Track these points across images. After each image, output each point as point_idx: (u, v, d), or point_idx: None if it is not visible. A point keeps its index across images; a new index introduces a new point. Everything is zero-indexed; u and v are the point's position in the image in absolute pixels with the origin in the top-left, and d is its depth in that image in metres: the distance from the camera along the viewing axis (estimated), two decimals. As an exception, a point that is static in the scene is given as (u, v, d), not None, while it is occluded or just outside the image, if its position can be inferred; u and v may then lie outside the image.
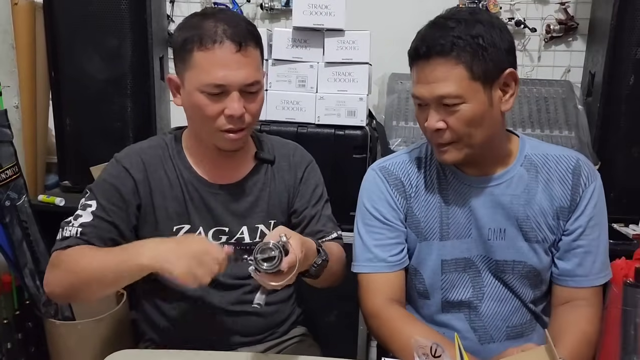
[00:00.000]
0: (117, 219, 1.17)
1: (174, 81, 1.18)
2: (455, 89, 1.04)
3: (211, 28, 1.10)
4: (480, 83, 1.05)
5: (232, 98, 1.11)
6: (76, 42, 1.91)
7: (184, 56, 1.12)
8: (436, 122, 1.08)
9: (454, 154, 1.11)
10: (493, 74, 1.06)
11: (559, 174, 1.16)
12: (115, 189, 1.17)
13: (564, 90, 1.97)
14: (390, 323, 1.14)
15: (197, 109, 1.13)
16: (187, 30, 1.12)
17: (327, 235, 1.27)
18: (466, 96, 1.05)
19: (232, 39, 1.09)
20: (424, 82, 1.07)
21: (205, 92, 1.10)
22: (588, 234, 1.15)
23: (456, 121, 1.07)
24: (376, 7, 2.14)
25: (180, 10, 2.29)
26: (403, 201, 1.20)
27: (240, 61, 1.10)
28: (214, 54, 1.09)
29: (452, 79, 1.04)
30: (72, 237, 1.13)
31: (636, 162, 1.76)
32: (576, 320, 1.13)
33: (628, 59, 1.72)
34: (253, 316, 1.25)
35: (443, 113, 1.07)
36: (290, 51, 1.81)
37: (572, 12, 2.07)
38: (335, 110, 1.79)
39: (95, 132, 1.95)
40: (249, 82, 1.11)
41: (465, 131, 1.07)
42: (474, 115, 1.06)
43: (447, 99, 1.05)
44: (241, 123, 1.13)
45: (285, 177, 1.28)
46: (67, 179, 2.03)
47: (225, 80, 1.09)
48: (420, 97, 1.09)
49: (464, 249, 1.18)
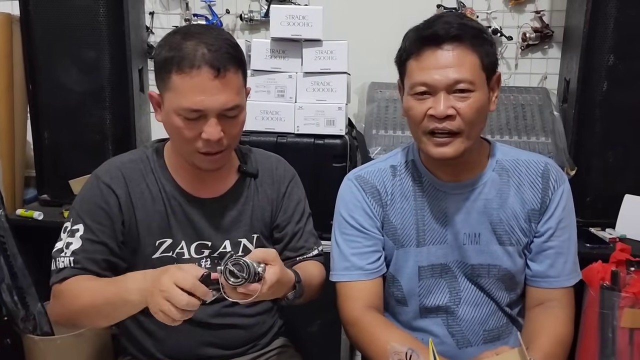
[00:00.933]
0: (106, 238, 1.15)
1: (155, 98, 1.16)
2: (471, 75, 1.06)
3: (191, 51, 1.06)
4: (485, 75, 1.09)
5: (210, 123, 1.08)
6: (54, 55, 1.90)
7: (163, 76, 1.10)
8: (447, 108, 1.06)
9: (457, 146, 1.09)
10: (492, 70, 1.10)
11: (529, 178, 1.18)
12: (100, 207, 1.16)
13: (541, 97, 2.00)
14: (368, 330, 1.14)
15: (175, 129, 1.11)
16: (167, 49, 1.09)
17: (308, 252, 1.27)
18: (477, 84, 1.07)
19: (210, 65, 1.06)
20: (436, 67, 1.06)
21: (182, 116, 1.09)
22: (558, 235, 1.17)
23: (467, 108, 1.07)
24: (354, 18, 2.16)
25: (159, 22, 2.29)
26: (379, 209, 1.21)
27: (218, 87, 1.07)
28: (191, 79, 1.06)
29: (468, 64, 1.06)
30: (66, 267, 1.12)
31: (612, 167, 1.79)
32: (549, 322, 1.15)
33: (601, 65, 1.75)
34: (234, 329, 1.24)
35: (453, 100, 1.07)
36: (268, 62, 1.81)
37: (547, 21, 2.10)
38: (314, 120, 1.80)
39: (74, 145, 1.94)
40: (227, 107, 1.09)
41: (473, 118, 1.07)
42: (480, 105, 1.08)
43: (462, 84, 1.06)
44: (219, 146, 1.12)
45: (268, 191, 1.27)
46: (45, 193, 2.01)
47: (202, 105, 1.07)
48: (431, 83, 1.07)
49: (440, 255, 1.19)
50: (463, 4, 2.12)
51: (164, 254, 1.19)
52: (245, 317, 1.26)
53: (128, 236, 1.18)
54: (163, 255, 1.19)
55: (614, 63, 1.74)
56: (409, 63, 1.11)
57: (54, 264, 1.15)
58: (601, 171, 1.79)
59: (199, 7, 2.27)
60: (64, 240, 1.15)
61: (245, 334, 1.27)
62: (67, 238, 1.15)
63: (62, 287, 1.12)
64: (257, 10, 2.22)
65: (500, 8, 2.12)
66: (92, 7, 1.86)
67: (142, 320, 1.22)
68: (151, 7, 2.26)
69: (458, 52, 1.06)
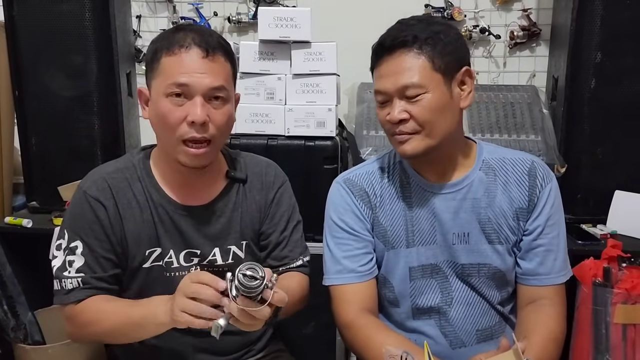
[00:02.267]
0: (106, 252, 1.15)
1: (143, 93, 1.16)
2: (419, 79, 1.08)
3: (181, 37, 1.10)
4: (441, 75, 1.10)
5: (194, 103, 1.08)
6: (40, 60, 1.88)
7: (153, 65, 1.11)
8: (399, 112, 1.10)
9: (415, 144, 1.12)
10: (452, 68, 1.11)
11: (515, 177, 1.19)
12: (93, 222, 1.15)
13: (530, 95, 2.00)
14: (363, 332, 1.14)
15: (161, 116, 1.10)
16: (158, 41, 1.13)
17: (291, 262, 1.26)
18: (428, 86, 1.09)
19: (199, 45, 1.09)
20: (387, 75, 1.11)
21: (169, 95, 1.08)
22: (547, 232, 1.18)
23: (419, 110, 1.09)
24: (343, 18, 2.16)
25: (147, 26, 2.28)
26: (369, 211, 1.21)
27: (207, 66, 1.09)
28: (179, 58, 1.08)
29: (415, 69, 1.09)
30: (76, 289, 1.12)
31: (601, 163, 1.80)
32: (541, 320, 1.15)
33: (588, 63, 1.76)
34: (228, 335, 1.23)
35: (405, 104, 1.10)
36: (257, 64, 1.81)
37: (535, 19, 2.11)
38: (304, 122, 1.80)
39: (62, 151, 1.92)
40: (213, 85, 1.09)
41: (427, 119, 1.10)
42: (437, 105, 1.10)
43: (411, 89, 1.09)
44: (204, 131, 1.09)
45: (257, 197, 1.26)
46: (34, 200, 1.99)
47: (189, 79, 1.07)
48: (383, 90, 1.12)
49: (429, 255, 1.20)
50: (450, 3, 2.13)
51: (154, 263, 1.18)
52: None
53: (119, 246, 1.17)
54: (153, 264, 1.18)
55: (602, 60, 1.75)
56: (374, 72, 1.16)
57: (59, 284, 1.14)
58: (591, 168, 1.80)
59: (187, 10, 2.26)
60: (63, 258, 1.14)
61: (240, 339, 1.26)
62: (66, 256, 1.14)
63: (77, 310, 1.12)
64: (245, 12, 2.22)
65: (488, 7, 2.13)
66: (78, 11, 1.84)
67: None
68: (138, 10, 2.25)
69: (403, 58, 1.09)
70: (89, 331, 1.13)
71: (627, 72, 1.75)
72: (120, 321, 1.08)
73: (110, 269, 1.15)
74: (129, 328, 1.08)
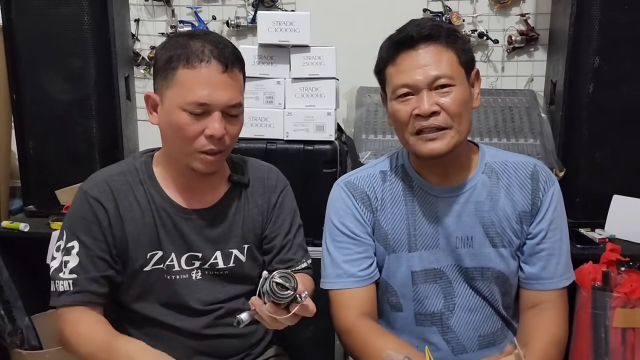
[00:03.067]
0: (102, 252, 1.15)
1: (152, 99, 1.15)
2: (450, 70, 1.09)
3: (198, 47, 1.09)
4: (464, 70, 1.11)
5: (214, 118, 1.09)
6: (38, 64, 1.88)
7: (167, 74, 1.10)
8: (431, 105, 1.08)
9: (447, 141, 1.10)
10: (470, 67, 1.13)
11: (518, 180, 1.19)
12: (92, 222, 1.15)
13: (528, 100, 2.01)
14: (362, 337, 1.14)
15: (176, 128, 1.10)
16: (172, 48, 1.11)
17: (295, 265, 1.26)
18: (457, 79, 1.10)
19: (219, 59, 1.09)
20: (415, 67, 1.09)
21: (187, 111, 1.09)
22: (550, 236, 1.18)
23: (451, 102, 1.09)
24: (342, 23, 2.16)
25: (145, 29, 2.28)
26: (370, 214, 1.21)
27: (226, 82, 1.09)
28: (199, 73, 1.08)
29: (445, 60, 1.09)
30: (66, 292, 1.13)
31: (600, 167, 1.80)
32: (543, 324, 1.15)
33: (586, 67, 1.76)
34: (227, 338, 1.23)
35: (436, 97, 1.09)
36: (256, 68, 1.81)
37: (533, 23, 2.12)
38: (303, 126, 1.80)
39: (60, 154, 1.91)
40: (232, 103, 1.10)
41: (459, 111, 1.09)
42: (464, 98, 1.10)
43: (443, 79, 1.09)
44: (221, 145, 1.12)
45: (259, 201, 1.26)
46: (31, 204, 1.98)
47: (209, 99, 1.08)
48: (411, 83, 1.10)
49: (432, 260, 1.19)
50: (449, 8, 2.13)
51: (155, 266, 1.18)
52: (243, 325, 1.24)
53: (119, 249, 1.17)
54: (154, 267, 1.18)
55: (600, 65, 1.75)
56: (387, 70, 1.14)
57: (54, 285, 1.14)
58: (589, 172, 1.81)
59: (185, 13, 2.26)
60: (60, 259, 1.14)
61: (239, 343, 1.25)
62: (63, 257, 1.14)
63: (65, 320, 1.13)
64: (244, 16, 2.22)
65: (486, 12, 2.14)
66: (76, 15, 1.83)
67: (133, 333, 1.20)
68: (136, 14, 2.25)
69: (433, 49, 1.09)
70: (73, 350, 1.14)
71: (625, 76, 1.76)
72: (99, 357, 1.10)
73: (104, 270, 1.15)
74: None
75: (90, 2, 1.83)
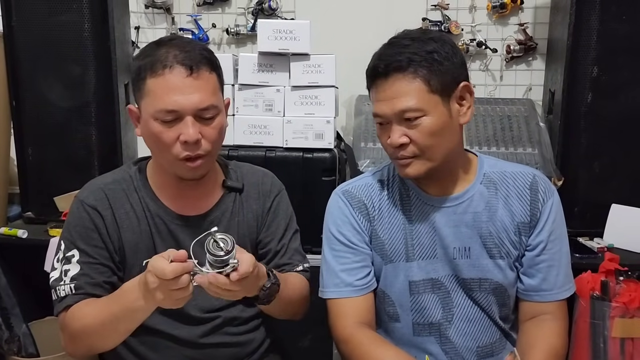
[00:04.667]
0: (103, 259, 1.14)
1: (134, 112, 1.15)
2: (416, 102, 1.08)
3: (162, 54, 1.08)
4: (438, 96, 1.09)
5: (186, 123, 1.08)
6: (38, 71, 1.88)
7: (139, 85, 1.10)
8: (399, 137, 1.10)
9: (417, 167, 1.12)
10: (449, 87, 1.10)
11: (517, 190, 1.19)
12: (91, 230, 1.14)
13: (526, 109, 2.02)
14: (361, 347, 1.13)
15: (153, 137, 1.10)
16: (141, 58, 1.11)
17: (292, 269, 1.26)
18: (426, 109, 1.08)
19: (182, 63, 1.07)
20: (384, 99, 1.10)
21: (159, 119, 1.08)
22: (550, 248, 1.17)
23: (419, 134, 1.09)
24: (341, 31, 2.17)
25: (145, 37, 2.28)
26: (367, 224, 1.21)
27: (192, 85, 1.08)
28: (164, 79, 1.07)
29: (412, 93, 1.08)
30: (68, 295, 1.11)
31: (598, 177, 1.80)
32: (543, 335, 1.14)
33: (585, 77, 1.77)
34: (224, 347, 1.22)
35: (405, 128, 1.10)
36: (256, 76, 1.81)
37: (531, 33, 2.13)
38: (302, 134, 1.80)
39: (59, 161, 1.91)
40: (203, 106, 1.09)
41: (428, 143, 1.09)
42: (436, 127, 1.09)
43: (409, 113, 1.08)
44: (197, 149, 1.10)
45: (254, 206, 1.26)
46: (30, 210, 1.97)
47: (176, 105, 1.07)
48: (381, 114, 1.11)
49: (430, 270, 1.18)
50: (448, 17, 2.15)
51: None
52: (234, 335, 1.24)
53: (117, 254, 1.17)
54: None
55: (598, 74, 1.76)
56: (370, 94, 1.15)
57: (55, 293, 1.13)
58: (588, 181, 1.81)
59: (185, 21, 2.27)
60: (60, 268, 1.14)
61: (236, 351, 1.25)
62: (63, 266, 1.14)
63: (66, 317, 1.12)
64: (244, 24, 2.23)
65: (485, 21, 2.15)
66: (77, 22, 1.84)
67: (130, 340, 1.19)
68: (137, 21, 2.26)
69: (401, 82, 1.08)
70: (78, 341, 1.12)
71: (623, 86, 1.77)
72: (105, 319, 1.06)
73: (107, 276, 1.14)
74: (115, 324, 1.07)
75: (91, 10, 1.84)
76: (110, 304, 1.07)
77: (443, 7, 2.15)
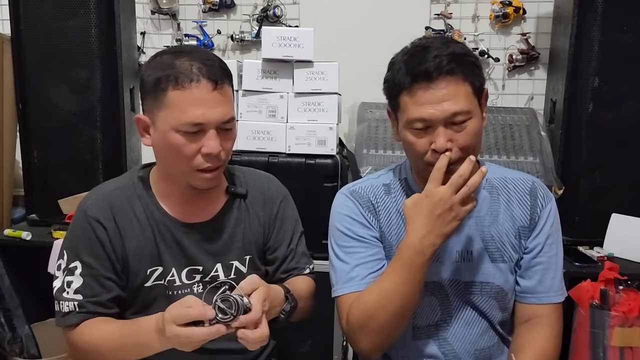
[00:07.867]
0: (105, 271, 1.14)
1: (142, 121, 1.15)
2: (466, 105, 1.07)
3: (187, 67, 1.08)
4: (477, 98, 1.10)
5: (210, 136, 1.09)
6: (45, 74, 1.90)
7: (157, 95, 1.09)
8: (446, 141, 1.08)
9: None
10: (481, 89, 1.12)
11: (517, 196, 1.20)
12: (93, 241, 1.14)
13: (528, 118, 2.03)
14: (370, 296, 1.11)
15: (172, 148, 1.10)
16: (159, 69, 1.09)
17: (299, 273, 1.26)
18: (473, 111, 1.08)
19: (208, 77, 1.08)
20: (432, 103, 1.07)
21: (182, 131, 1.08)
22: (546, 251, 1.18)
23: (466, 137, 1.08)
24: (345, 39, 2.19)
25: (151, 42, 2.31)
26: (375, 221, 1.20)
27: (217, 99, 1.09)
28: (191, 93, 1.07)
29: (462, 95, 1.07)
30: (72, 312, 1.12)
31: (599, 186, 1.81)
32: (534, 338, 1.15)
33: (586, 87, 1.79)
34: (227, 353, 1.22)
35: (450, 132, 1.08)
36: (260, 82, 1.83)
37: (533, 43, 2.15)
38: (305, 140, 1.81)
39: (64, 164, 1.93)
40: (226, 119, 1.10)
41: (471, 144, 1.09)
42: (479, 129, 1.10)
43: (460, 116, 1.07)
44: (218, 161, 1.12)
45: (260, 213, 1.26)
46: (34, 213, 1.99)
47: (203, 118, 1.07)
48: (429, 118, 1.08)
49: (432, 273, 1.19)
50: (451, 26, 2.16)
51: (156, 282, 1.17)
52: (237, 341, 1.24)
53: (122, 265, 1.17)
54: (155, 283, 1.17)
55: (599, 85, 1.78)
56: (402, 98, 1.11)
57: (58, 305, 1.13)
58: (588, 190, 1.82)
59: (190, 27, 2.29)
60: (62, 278, 1.14)
61: (238, 357, 1.24)
62: (65, 277, 1.14)
63: (75, 336, 1.12)
64: (248, 31, 2.25)
65: (487, 30, 2.17)
66: (84, 27, 1.87)
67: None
68: (143, 27, 2.28)
69: (451, 85, 1.07)
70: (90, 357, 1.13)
71: (625, 96, 1.78)
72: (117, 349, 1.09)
73: (110, 290, 1.15)
74: (128, 354, 1.09)
75: (98, 15, 1.87)
76: (125, 335, 1.08)
77: (446, 17, 2.17)
